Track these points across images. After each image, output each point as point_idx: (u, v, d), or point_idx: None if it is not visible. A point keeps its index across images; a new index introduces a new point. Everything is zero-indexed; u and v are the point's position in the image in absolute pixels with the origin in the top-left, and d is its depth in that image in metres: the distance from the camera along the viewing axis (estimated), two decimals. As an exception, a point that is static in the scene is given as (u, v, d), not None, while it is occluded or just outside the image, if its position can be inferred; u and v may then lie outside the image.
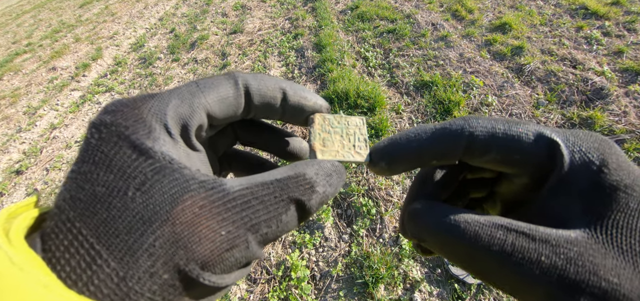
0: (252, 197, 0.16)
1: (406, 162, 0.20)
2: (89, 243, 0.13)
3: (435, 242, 0.18)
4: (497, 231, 0.15)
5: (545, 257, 0.14)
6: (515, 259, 0.14)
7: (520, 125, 0.18)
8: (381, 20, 3.37)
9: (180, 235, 0.14)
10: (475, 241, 0.16)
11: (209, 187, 0.15)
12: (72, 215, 0.14)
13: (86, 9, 6.37)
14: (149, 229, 0.14)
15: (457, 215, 0.17)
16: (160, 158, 0.15)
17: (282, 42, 3.41)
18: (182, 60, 3.60)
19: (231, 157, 0.26)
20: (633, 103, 1.92)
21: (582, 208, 0.16)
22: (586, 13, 2.76)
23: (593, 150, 0.17)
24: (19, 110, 3.41)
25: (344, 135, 0.23)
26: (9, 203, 2.29)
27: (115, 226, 0.13)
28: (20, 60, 4.60)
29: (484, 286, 1.30)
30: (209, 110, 0.18)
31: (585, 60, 2.28)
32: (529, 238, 0.15)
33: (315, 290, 1.40)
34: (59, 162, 2.55)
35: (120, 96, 3.25)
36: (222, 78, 0.19)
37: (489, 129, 0.18)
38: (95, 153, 0.15)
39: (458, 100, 2.15)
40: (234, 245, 0.15)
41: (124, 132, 0.15)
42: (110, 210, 0.14)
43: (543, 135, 0.17)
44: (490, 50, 2.63)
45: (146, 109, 0.16)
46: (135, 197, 0.14)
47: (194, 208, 0.14)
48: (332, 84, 2.47)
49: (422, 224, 0.18)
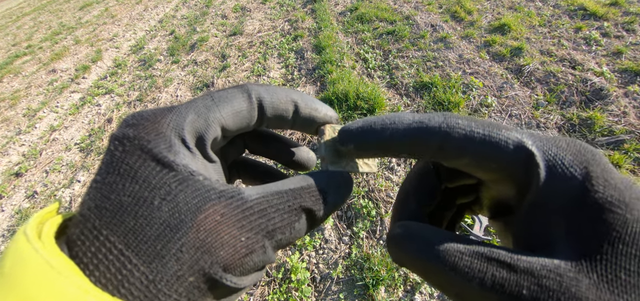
0: (268, 206, 0.17)
1: (375, 149, 0.20)
2: (118, 249, 0.14)
3: (415, 270, 0.17)
4: (477, 262, 0.15)
5: (526, 290, 0.13)
6: (497, 291, 0.14)
7: (501, 131, 0.17)
8: (380, 22, 3.38)
9: (204, 241, 0.15)
10: (454, 272, 0.15)
11: (229, 196, 0.16)
12: (98, 223, 0.14)
13: (86, 11, 6.37)
14: (175, 236, 0.15)
15: (437, 243, 0.16)
16: (182, 170, 0.16)
17: (282, 44, 3.42)
18: (181, 62, 3.61)
19: (240, 165, 0.27)
20: (632, 103, 1.92)
21: (565, 230, 0.14)
22: (585, 14, 2.77)
23: (576, 163, 0.15)
24: (19, 112, 3.41)
25: None
26: (8, 206, 2.29)
27: (143, 233, 0.14)
28: (20, 63, 4.61)
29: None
30: (223, 123, 0.19)
31: (585, 61, 2.28)
32: (510, 269, 0.14)
33: (315, 292, 1.40)
34: (59, 164, 2.55)
35: (120, 98, 3.25)
36: (236, 91, 0.20)
37: (466, 131, 0.17)
38: (119, 165, 0.16)
39: (457, 101, 2.15)
40: (253, 249, 0.16)
41: (147, 146, 0.16)
42: (137, 219, 0.14)
43: (522, 145, 0.16)
44: (489, 51, 2.63)
45: (165, 123, 0.17)
46: (162, 206, 0.15)
47: (216, 216, 0.15)
48: (331, 86, 2.47)
49: (402, 252, 0.18)
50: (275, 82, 2.87)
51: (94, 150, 2.61)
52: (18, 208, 2.24)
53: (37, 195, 2.32)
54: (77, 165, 2.50)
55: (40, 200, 2.28)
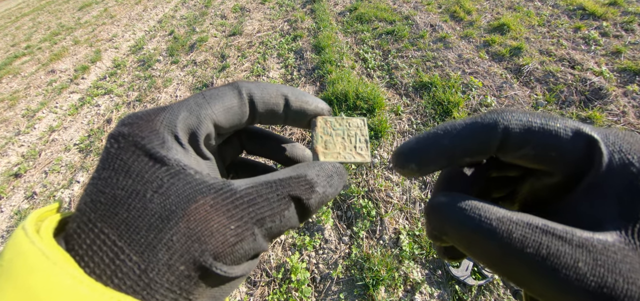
0: (257, 195, 0.17)
1: (438, 161, 0.19)
2: (111, 240, 0.15)
3: (461, 239, 0.16)
4: (532, 232, 0.14)
5: (582, 263, 0.13)
6: (550, 263, 0.14)
7: (557, 121, 0.17)
8: (380, 22, 3.38)
9: (194, 230, 0.15)
10: (507, 241, 0.14)
11: (218, 188, 0.17)
12: (93, 217, 0.15)
13: (85, 12, 6.37)
14: (166, 226, 0.15)
15: (487, 210, 0.16)
16: (174, 164, 0.16)
17: (281, 44, 3.42)
18: (181, 62, 3.60)
19: (238, 165, 0.27)
20: (631, 103, 1.92)
21: (618, 212, 0.15)
22: (584, 14, 2.77)
23: (634, 152, 0.16)
24: (18, 113, 3.40)
25: (345, 136, 0.24)
26: (7, 207, 2.28)
27: (136, 224, 0.15)
28: (19, 63, 4.60)
29: (484, 288, 1.30)
30: (215, 120, 0.20)
31: (584, 61, 2.28)
32: (565, 242, 0.14)
33: (315, 292, 1.40)
34: (58, 164, 2.55)
35: (119, 98, 3.24)
36: (226, 88, 0.21)
37: (524, 123, 0.17)
38: (114, 161, 0.16)
39: (457, 101, 2.15)
40: (243, 237, 0.16)
41: (141, 142, 0.17)
42: (130, 211, 0.15)
43: (581, 132, 0.17)
44: (488, 51, 2.63)
45: (158, 121, 0.18)
46: (153, 198, 0.15)
47: (206, 206, 0.16)
48: (331, 86, 2.47)
49: (446, 218, 0.17)
50: (275, 82, 2.87)
51: (93, 150, 2.61)
52: (17, 209, 2.23)
53: (36, 195, 2.31)
54: (76, 166, 2.50)
55: (40, 200, 2.28)
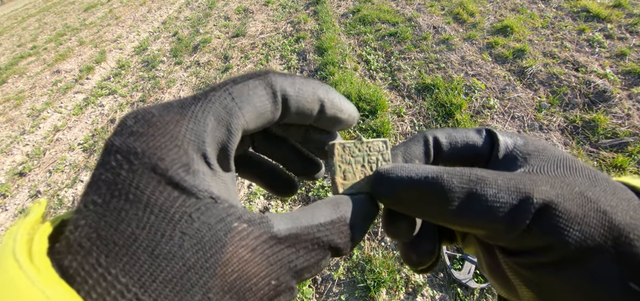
0: (297, 242, 0.16)
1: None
2: (132, 292, 0.12)
3: (411, 197, 0.18)
4: (462, 170, 0.18)
5: (501, 180, 0.17)
6: (481, 188, 0.17)
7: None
8: (382, 24, 3.38)
9: (232, 284, 0.14)
10: (449, 186, 0.17)
11: (257, 226, 0.15)
12: (104, 261, 0.12)
13: (90, 13, 6.43)
14: (201, 280, 0.13)
15: (430, 170, 0.18)
16: (204, 196, 0.14)
17: (284, 46, 3.43)
18: (184, 63, 3.63)
19: (242, 159, 0.25)
20: (636, 105, 1.90)
21: (518, 165, 0.20)
22: (588, 16, 2.75)
23: (519, 137, 0.23)
24: (23, 112, 3.44)
25: (365, 163, 0.22)
26: (12, 205, 2.30)
27: (163, 275, 0.12)
28: (24, 63, 4.65)
29: (486, 291, 1.29)
30: (245, 128, 0.17)
31: (588, 63, 2.27)
32: (488, 173, 0.18)
33: (316, 294, 1.40)
34: (62, 164, 2.57)
35: (123, 99, 3.27)
36: (257, 85, 0.17)
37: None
38: (127, 188, 0.13)
39: (460, 102, 2.14)
40: (281, 292, 0.15)
41: (160, 165, 0.14)
42: (154, 258, 0.13)
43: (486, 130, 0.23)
44: (491, 53, 2.62)
45: (181, 134, 0.15)
46: (183, 242, 0.13)
47: (244, 253, 0.14)
48: (333, 87, 2.47)
49: (394, 183, 0.18)
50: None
51: (97, 150, 2.63)
52: (21, 208, 2.25)
53: (40, 194, 2.33)
54: (80, 165, 2.52)
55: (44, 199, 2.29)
